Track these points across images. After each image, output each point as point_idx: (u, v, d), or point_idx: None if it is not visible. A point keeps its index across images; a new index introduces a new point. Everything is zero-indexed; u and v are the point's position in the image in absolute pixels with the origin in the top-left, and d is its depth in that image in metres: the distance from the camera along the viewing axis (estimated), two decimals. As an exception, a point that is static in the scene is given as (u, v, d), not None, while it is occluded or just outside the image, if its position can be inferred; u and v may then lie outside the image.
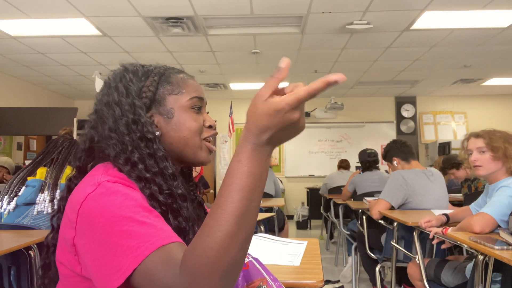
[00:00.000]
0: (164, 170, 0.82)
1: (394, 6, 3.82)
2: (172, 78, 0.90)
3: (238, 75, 6.48)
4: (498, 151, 1.95)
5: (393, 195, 2.71)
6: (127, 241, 0.63)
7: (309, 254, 1.40)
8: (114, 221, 0.66)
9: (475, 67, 6.05)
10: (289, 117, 0.61)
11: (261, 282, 0.81)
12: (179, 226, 0.80)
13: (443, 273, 2.05)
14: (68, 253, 0.73)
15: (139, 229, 0.65)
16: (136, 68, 0.91)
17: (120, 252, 0.63)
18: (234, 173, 0.60)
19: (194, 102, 0.90)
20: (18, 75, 6.22)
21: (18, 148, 6.52)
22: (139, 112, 0.84)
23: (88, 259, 0.68)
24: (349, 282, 3.60)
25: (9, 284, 1.78)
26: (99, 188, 0.72)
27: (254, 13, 3.99)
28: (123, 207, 0.69)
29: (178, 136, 0.88)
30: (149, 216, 0.69)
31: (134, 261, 0.62)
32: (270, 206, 3.58)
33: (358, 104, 8.27)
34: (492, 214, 1.78)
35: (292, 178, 8.26)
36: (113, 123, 0.83)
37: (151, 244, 0.63)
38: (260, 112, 0.61)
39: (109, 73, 0.92)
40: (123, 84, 0.87)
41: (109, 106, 0.85)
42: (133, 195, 0.73)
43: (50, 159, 2.13)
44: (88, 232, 0.68)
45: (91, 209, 0.69)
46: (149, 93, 0.87)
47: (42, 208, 2.00)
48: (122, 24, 4.21)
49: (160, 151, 0.83)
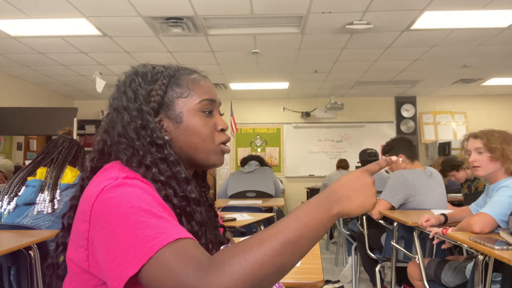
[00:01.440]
0: (177, 175, 0.82)
1: (394, 6, 3.82)
2: (182, 80, 0.88)
3: (238, 75, 6.48)
4: (496, 152, 1.95)
5: (394, 195, 2.71)
6: (143, 231, 0.63)
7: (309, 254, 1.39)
8: (132, 212, 0.65)
9: (475, 67, 6.05)
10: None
11: None
12: (191, 230, 0.79)
13: (443, 273, 2.05)
14: (79, 248, 0.73)
15: (156, 222, 0.64)
16: (146, 70, 0.89)
17: (135, 242, 0.62)
18: (293, 216, 0.65)
19: (204, 105, 0.88)
20: (18, 75, 6.22)
21: (18, 148, 6.52)
22: (147, 118, 0.83)
23: (103, 250, 0.67)
24: (349, 282, 3.60)
25: (9, 284, 1.78)
26: (117, 181, 0.72)
27: (254, 13, 3.99)
28: (141, 200, 0.68)
29: (188, 141, 0.86)
30: (165, 212, 0.69)
31: (150, 250, 0.60)
32: (270, 206, 3.58)
33: (358, 104, 8.27)
34: (492, 214, 1.79)
35: (292, 178, 8.26)
36: (122, 128, 0.82)
37: (169, 236, 0.62)
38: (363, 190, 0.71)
39: (120, 75, 0.91)
40: (132, 88, 0.86)
41: (118, 111, 0.84)
42: (150, 191, 0.73)
43: (50, 159, 2.13)
44: (103, 223, 0.67)
45: (107, 200, 0.69)
46: (157, 97, 0.86)
47: (42, 208, 2.00)
48: (122, 24, 4.21)
49: (171, 156, 0.82)
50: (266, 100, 8.32)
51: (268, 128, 8.36)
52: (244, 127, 8.30)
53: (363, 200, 0.70)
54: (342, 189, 0.69)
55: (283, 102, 8.33)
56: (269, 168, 4.29)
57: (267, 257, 0.59)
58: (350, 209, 0.68)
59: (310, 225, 0.64)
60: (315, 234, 0.65)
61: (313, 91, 7.78)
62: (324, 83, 7.11)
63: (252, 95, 8.06)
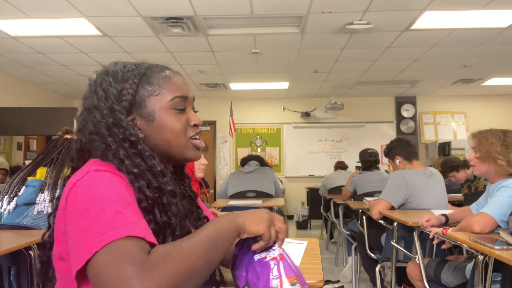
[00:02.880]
0: (152, 168, 0.82)
1: (394, 6, 3.82)
2: (153, 78, 0.89)
3: (238, 75, 6.48)
4: (481, 153, 1.98)
5: (393, 195, 2.71)
6: (97, 226, 0.64)
7: (309, 254, 1.40)
8: (92, 207, 0.67)
9: (475, 67, 6.05)
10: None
11: (296, 279, 0.80)
12: (167, 221, 0.80)
13: (443, 273, 2.05)
14: (62, 243, 0.75)
15: (112, 217, 0.66)
16: (117, 69, 0.90)
17: (88, 236, 0.64)
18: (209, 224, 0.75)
19: (175, 103, 0.88)
20: (18, 75, 6.22)
21: (18, 148, 6.52)
22: (119, 117, 0.83)
23: (69, 242, 0.69)
24: (349, 282, 3.60)
25: (9, 284, 1.78)
26: (87, 175, 0.74)
27: (254, 13, 3.99)
28: (104, 194, 0.70)
29: (161, 138, 0.87)
30: (127, 207, 0.69)
31: (97, 245, 0.62)
32: (270, 206, 3.57)
33: (358, 104, 8.28)
34: (492, 214, 1.79)
35: (292, 178, 8.26)
36: (93, 127, 0.83)
37: (119, 232, 0.63)
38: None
39: (92, 74, 0.91)
40: (103, 87, 0.86)
41: (89, 110, 0.85)
42: (118, 185, 0.74)
43: (50, 159, 2.13)
44: (71, 215, 0.70)
45: (76, 194, 0.71)
46: (128, 96, 0.86)
47: (42, 208, 2.00)
48: (122, 24, 4.21)
49: (146, 151, 0.83)
50: (266, 100, 8.32)
51: (268, 128, 8.36)
52: (244, 127, 8.30)
53: (257, 221, 0.79)
54: (240, 213, 0.80)
55: (283, 102, 8.33)
56: (269, 168, 4.29)
57: (198, 250, 0.67)
58: (246, 224, 0.78)
59: (222, 228, 0.74)
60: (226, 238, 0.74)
61: (313, 91, 7.78)
62: (324, 83, 7.11)
63: (252, 95, 8.06)
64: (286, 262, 0.81)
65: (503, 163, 1.92)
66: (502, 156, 1.92)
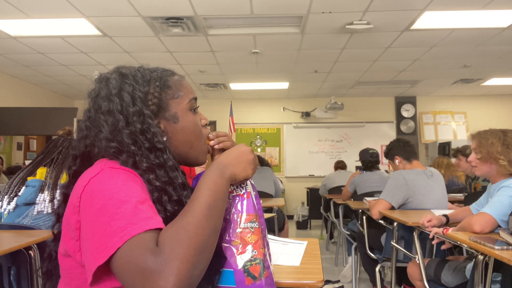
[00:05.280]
0: (174, 180, 0.83)
1: (394, 6, 3.82)
2: (170, 81, 0.90)
3: (238, 75, 6.48)
4: (482, 154, 1.98)
5: (393, 195, 2.71)
6: (116, 222, 0.66)
7: (309, 254, 1.40)
8: (110, 203, 0.68)
9: (475, 67, 6.05)
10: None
11: (255, 218, 0.84)
12: None
13: (443, 273, 2.05)
14: (71, 240, 0.75)
15: (131, 212, 0.67)
16: (134, 73, 0.88)
17: (108, 232, 0.65)
18: (202, 188, 0.75)
19: (192, 104, 0.92)
20: (18, 75, 6.22)
21: (18, 148, 6.52)
22: (149, 122, 0.82)
23: (84, 239, 0.70)
24: (349, 282, 3.60)
25: (9, 284, 1.78)
26: (102, 172, 0.74)
27: (254, 13, 3.99)
28: (121, 191, 0.70)
29: (184, 140, 0.89)
30: (143, 203, 0.71)
31: (119, 241, 0.63)
32: (270, 206, 3.57)
33: (358, 104, 8.27)
34: (492, 214, 1.78)
35: (292, 178, 8.26)
36: (110, 134, 0.80)
37: (139, 227, 0.65)
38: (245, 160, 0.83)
39: (100, 78, 0.88)
40: (127, 91, 0.83)
41: (111, 114, 0.81)
42: (133, 183, 0.74)
43: (50, 159, 2.13)
44: (87, 212, 0.70)
45: (91, 191, 0.71)
46: (155, 100, 0.86)
47: (42, 208, 2.00)
48: (122, 24, 4.21)
49: (170, 160, 0.83)
50: (266, 100, 8.32)
51: (268, 128, 8.36)
52: (244, 127, 8.30)
53: (244, 166, 0.81)
54: (225, 159, 0.81)
55: (283, 102, 8.33)
56: (269, 168, 4.29)
57: (202, 222, 0.68)
58: (236, 172, 0.80)
59: (217, 188, 0.74)
60: (223, 196, 0.75)
61: (313, 91, 7.78)
62: (324, 83, 7.11)
63: (252, 95, 8.06)
64: (251, 200, 0.85)
65: (505, 163, 1.92)
66: (503, 156, 1.92)
